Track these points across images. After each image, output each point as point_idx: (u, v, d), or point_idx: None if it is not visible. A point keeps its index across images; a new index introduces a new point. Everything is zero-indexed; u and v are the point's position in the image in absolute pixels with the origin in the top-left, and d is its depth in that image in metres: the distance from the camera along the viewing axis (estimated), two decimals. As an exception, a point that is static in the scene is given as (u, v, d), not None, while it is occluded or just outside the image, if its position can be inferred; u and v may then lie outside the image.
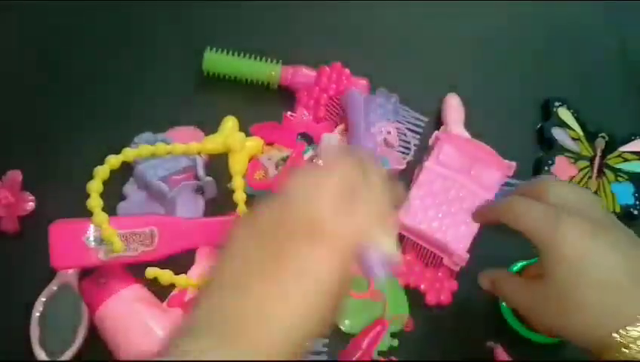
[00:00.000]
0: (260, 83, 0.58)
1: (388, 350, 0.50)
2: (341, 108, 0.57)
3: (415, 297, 0.52)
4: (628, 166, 0.59)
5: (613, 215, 0.43)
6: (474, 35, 0.64)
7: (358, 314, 0.51)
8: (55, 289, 0.49)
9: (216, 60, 0.58)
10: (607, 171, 0.58)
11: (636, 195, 0.57)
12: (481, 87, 0.61)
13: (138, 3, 0.62)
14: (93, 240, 0.47)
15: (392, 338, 0.51)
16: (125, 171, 0.51)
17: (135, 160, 0.51)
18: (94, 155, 0.47)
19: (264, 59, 0.58)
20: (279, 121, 0.56)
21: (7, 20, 0.61)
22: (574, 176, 0.57)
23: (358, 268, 0.35)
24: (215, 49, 0.58)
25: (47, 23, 0.61)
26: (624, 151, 0.59)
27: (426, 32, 0.64)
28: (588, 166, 0.58)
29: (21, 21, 0.61)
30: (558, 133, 0.59)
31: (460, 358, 0.51)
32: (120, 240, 0.46)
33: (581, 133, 0.60)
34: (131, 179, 0.53)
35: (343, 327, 0.51)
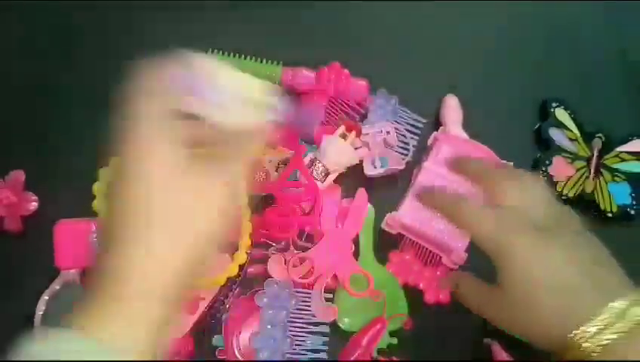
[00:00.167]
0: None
1: (387, 348, 0.51)
2: (341, 110, 0.57)
3: (414, 296, 0.53)
4: (625, 166, 0.59)
5: (569, 212, 0.43)
6: (473, 36, 0.64)
7: (357, 313, 0.52)
8: (58, 288, 0.49)
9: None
10: (604, 171, 0.59)
11: (633, 195, 0.58)
12: (480, 88, 0.61)
13: (138, 4, 0.62)
14: (95, 239, 0.48)
15: (391, 337, 0.51)
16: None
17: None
18: (95, 155, 0.46)
19: (264, 61, 0.58)
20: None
21: (7, 20, 0.61)
22: (572, 176, 0.58)
23: None
24: (215, 51, 0.58)
25: (47, 23, 0.62)
26: (621, 152, 0.60)
27: (426, 32, 0.64)
28: (585, 166, 0.59)
29: (21, 21, 0.62)
30: (555, 133, 0.60)
31: (459, 357, 0.51)
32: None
33: (578, 134, 0.60)
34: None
35: (342, 326, 0.52)
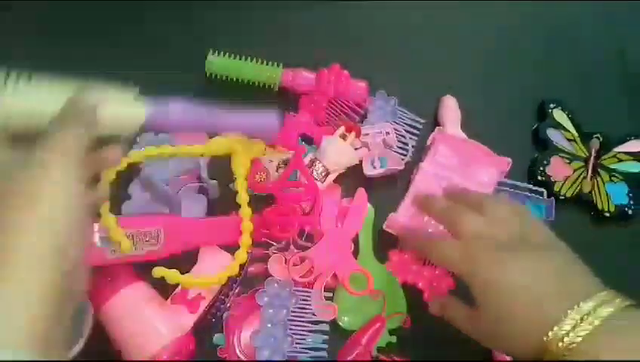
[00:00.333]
0: (262, 85, 0.59)
1: (386, 347, 0.51)
2: (341, 111, 0.58)
3: (413, 295, 0.53)
4: (622, 166, 0.60)
5: (535, 226, 0.46)
6: (473, 36, 0.65)
7: (356, 312, 0.52)
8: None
9: (219, 63, 0.59)
10: (601, 171, 0.59)
11: (630, 195, 0.58)
12: (479, 88, 0.62)
13: (140, 4, 0.63)
14: (98, 239, 0.48)
15: (391, 336, 0.52)
16: (129, 171, 0.52)
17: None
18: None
19: (265, 62, 0.59)
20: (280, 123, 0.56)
21: (6, 20, 0.62)
22: (569, 176, 0.58)
23: None
24: (217, 52, 0.59)
25: (47, 22, 0.62)
26: (619, 152, 0.60)
27: (426, 33, 0.64)
28: (582, 166, 0.59)
29: (21, 21, 0.62)
30: (553, 134, 0.60)
31: (459, 356, 0.51)
32: (127, 240, 0.47)
33: (576, 134, 0.60)
34: (136, 179, 0.54)
35: (342, 324, 0.52)
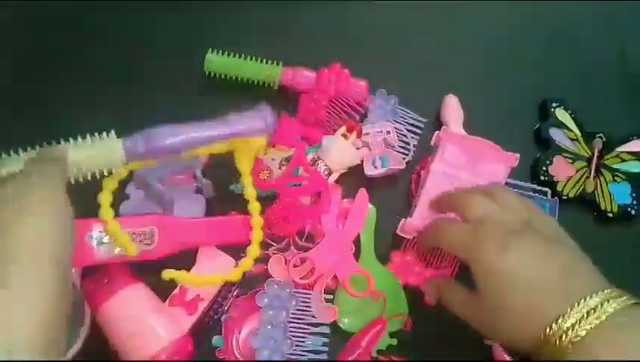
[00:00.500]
0: (261, 84, 0.59)
1: (386, 349, 0.51)
2: (341, 110, 0.57)
3: (414, 297, 0.52)
4: (625, 166, 0.59)
5: (541, 216, 0.46)
6: (473, 36, 0.65)
7: (357, 313, 0.52)
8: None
9: (218, 62, 0.58)
10: (604, 171, 0.59)
11: (633, 195, 0.58)
12: (480, 88, 0.61)
13: (139, 4, 0.62)
14: (96, 239, 0.47)
15: (391, 338, 0.51)
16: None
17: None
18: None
19: (265, 60, 0.58)
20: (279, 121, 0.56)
21: (6, 20, 0.61)
22: (572, 176, 0.58)
23: None
24: (216, 50, 0.58)
25: (47, 22, 0.62)
26: (622, 152, 0.60)
27: (426, 32, 0.64)
28: (585, 166, 0.59)
29: (20, 20, 0.62)
30: (555, 133, 0.60)
31: (459, 358, 0.51)
32: (131, 241, 0.47)
33: (578, 134, 0.60)
34: (133, 179, 0.53)
35: (342, 326, 0.51)
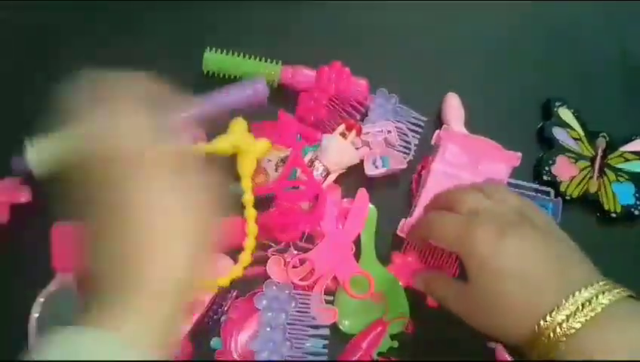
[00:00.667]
0: (260, 83, 0.58)
1: (387, 351, 0.50)
2: (342, 109, 0.57)
3: (416, 299, 0.52)
4: (629, 166, 0.59)
5: (534, 209, 0.45)
6: (474, 35, 0.64)
7: (357, 315, 0.51)
8: (54, 290, 0.49)
9: (216, 60, 0.58)
10: (608, 171, 0.58)
11: (637, 195, 0.57)
12: (482, 87, 0.61)
13: (138, 3, 0.62)
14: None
15: (392, 340, 0.50)
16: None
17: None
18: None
19: (264, 59, 0.58)
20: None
21: (6, 20, 0.61)
22: (575, 176, 0.57)
23: None
24: (215, 49, 0.58)
25: (46, 22, 0.61)
26: (625, 151, 0.59)
27: (426, 32, 0.63)
28: (589, 166, 0.58)
29: (20, 20, 0.61)
30: (558, 132, 0.59)
31: (461, 360, 0.50)
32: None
33: (582, 133, 0.59)
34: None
35: (342, 328, 0.51)
